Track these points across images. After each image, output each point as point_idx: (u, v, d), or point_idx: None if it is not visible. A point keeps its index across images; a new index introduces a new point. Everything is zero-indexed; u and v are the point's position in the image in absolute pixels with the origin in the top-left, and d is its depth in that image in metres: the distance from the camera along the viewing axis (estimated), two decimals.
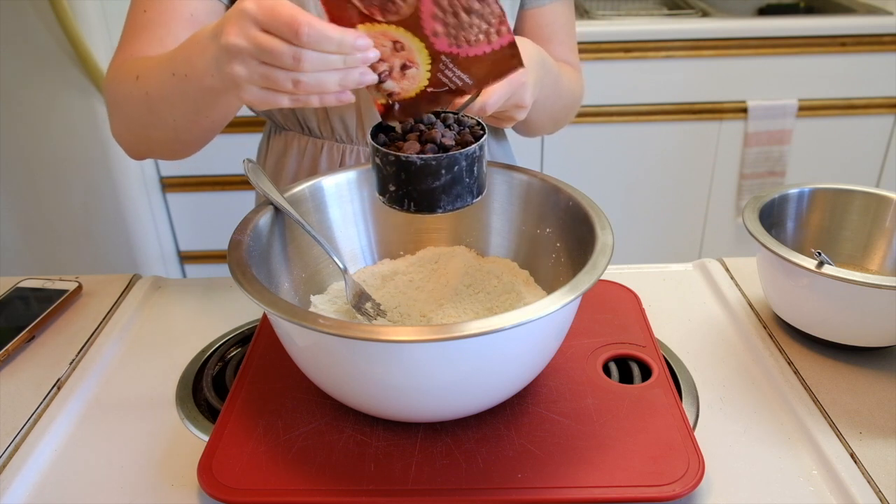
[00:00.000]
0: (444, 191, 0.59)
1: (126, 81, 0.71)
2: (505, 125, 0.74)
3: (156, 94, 0.68)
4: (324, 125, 0.89)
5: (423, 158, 0.57)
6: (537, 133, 0.92)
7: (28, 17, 1.61)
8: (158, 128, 0.71)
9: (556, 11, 0.90)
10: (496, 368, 0.58)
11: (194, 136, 0.72)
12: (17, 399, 0.69)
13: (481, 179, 0.62)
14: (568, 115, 0.93)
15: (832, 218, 0.82)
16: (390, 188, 0.60)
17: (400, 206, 0.60)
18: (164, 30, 0.75)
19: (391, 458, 0.60)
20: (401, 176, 0.58)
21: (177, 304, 0.85)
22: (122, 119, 0.75)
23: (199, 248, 2.03)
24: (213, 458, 0.59)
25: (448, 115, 0.63)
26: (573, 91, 0.89)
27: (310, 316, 0.53)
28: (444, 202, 0.60)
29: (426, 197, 0.59)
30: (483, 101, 0.62)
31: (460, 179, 0.59)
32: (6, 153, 1.77)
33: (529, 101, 0.69)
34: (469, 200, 0.61)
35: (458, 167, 0.58)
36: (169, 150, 0.76)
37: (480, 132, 0.61)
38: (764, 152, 1.89)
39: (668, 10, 2.10)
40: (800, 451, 0.62)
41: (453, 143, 0.59)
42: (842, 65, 1.82)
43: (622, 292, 0.82)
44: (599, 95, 1.83)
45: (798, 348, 0.75)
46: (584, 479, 0.57)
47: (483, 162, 0.61)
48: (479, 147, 0.59)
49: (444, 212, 0.60)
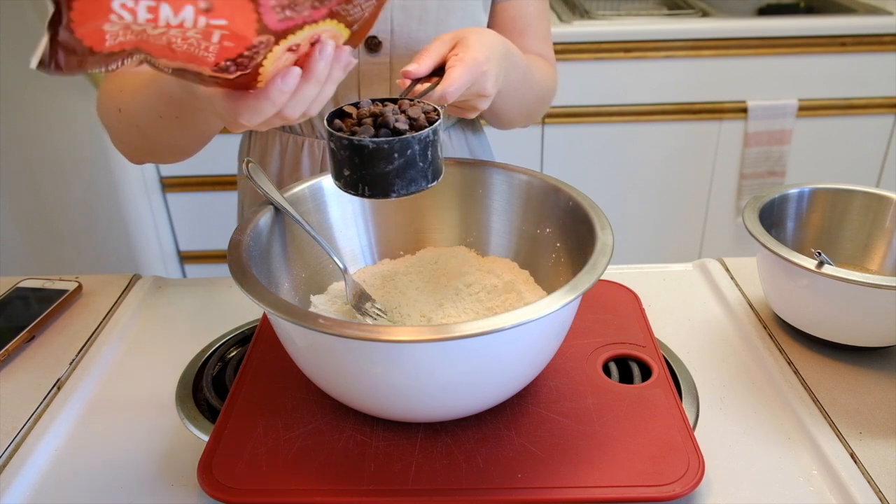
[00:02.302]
0: (398, 175, 0.59)
1: (110, 114, 0.74)
2: (468, 115, 0.75)
3: (145, 127, 0.71)
4: (304, 123, 0.90)
5: (376, 142, 0.57)
6: (509, 125, 0.93)
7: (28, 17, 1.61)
8: (157, 146, 0.75)
9: (529, 4, 0.91)
10: (496, 368, 0.58)
11: (193, 148, 0.76)
12: (17, 399, 0.69)
13: (437, 164, 0.61)
14: (540, 107, 0.94)
15: (832, 218, 0.82)
16: (345, 173, 0.60)
17: (354, 190, 0.60)
18: None
19: (391, 458, 0.60)
20: (354, 160, 0.58)
21: (177, 304, 0.85)
22: (117, 140, 0.78)
23: (199, 248, 2.03)
24: (213, 458, 0.59)
25: (405, 102, 0.63)
26: (544, 84, 0.90)
27: (310, 316, 0.53)
28: (398, 186, 0.59)
29: (380, 181, 0.59)
30: (443, 88, 0.63)
31: (413, 163, 0.59)
32: (6, 153, 1.77)
33: (491, 90, 0.69)
34: (423, 185, 0.61)
35: (412, 150, 0.58)
36: (172, 158, 0.80)
37: (435, 117, 0.61)
38: (764, 152, 1.89)
39: (668, 10, 2.10)
40: (800, 451, 0.62)
41: (407, 128, 0.59)
42: (842, 65, 1.82)
43: (622, 292, 0.82)
44: (600, 95, 1.83)
45: (798, 348, 0.75)
46: (584, 479, 0.57)
47: (437, 146, 0.61)
48: (433, 131, 0.59)
49: (397, 196, 0.60)
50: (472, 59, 0.66)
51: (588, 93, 1.83)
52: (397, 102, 0.63)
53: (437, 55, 0.68)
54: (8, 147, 1.76)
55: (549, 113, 1.83)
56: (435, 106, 0.63)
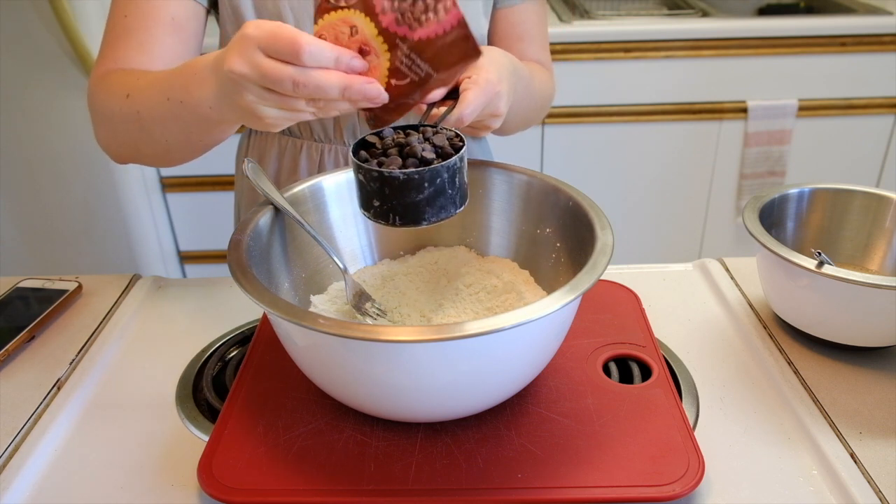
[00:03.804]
0: (428, 203, 0.60)
1: (115, 98, 0.72)
2: (481, 134, 0.76)
3: (147, 115, 0.68)
4: (303, 125, 0.90)
5: (406, 173, 0.58)
6: (509, 132, 0.94)
7: (28, 17, 1.61)
8: (149, 144, 0.72)
9: (528, 10, 0.91)
10: (496, 368, 0.58)
11: (186, 154, 0.73)
12: (17, 399, 0.69)
13: (463, 189, 0.63)
14: (539, 114, 0.95)
15: (832, 218, 0.82)
16: (375, 203, 0.61)
17: (385, 220, 0.61)
18: (146, 34, 0.75)
19: (391, 458, 0.60)
20: (385, 191, 0.59)
21: (177, 304, 0.85)
22: (110, 131, 0.75)
23: (199, 248, 2.03)
24: (213, 458, 0.59)
25: (427, 129, 0.64)
26: (544, 92, 0.91)
27: (310, 316, 0.53)
28: (429, 214, 0.61)
29: (410, 210, 0.60)
30: (459, 111, 0.64)
31: (443, 191, 0.60)
32: (6, 153, 1.77)
33: (504, 110, 0.70)
34: (452, 211, 0.62)
35: (441, 179, 0.59)
36: (158, 162, 0.77)
37: (460, 144, 0.62)
38: (764, 152, 1.89)
39: (668, 10, 2.10)
40: (800, 451, 0.62)
41: (434, 157, 0.60)
42: (842, 65, 1.82)
43: (622, 292, 0.82)
44: (599, 95, 1.83)
45: (798, 348, 0.75)
46: (584, 479, 0.57)
47: (464, 172, 0.62)
48: (460, 158, 0.60)
49: (428, 224, 0.61)
50: (486, 80, 0.67)
51: (588, 93, 1.83)
52: (419, 130, 0.64)
53: None
54: (8, 147, 1.76)
55: (549, 113, 1.82)
56: (456, 131, 0.64)
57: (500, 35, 0.91)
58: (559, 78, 0.96)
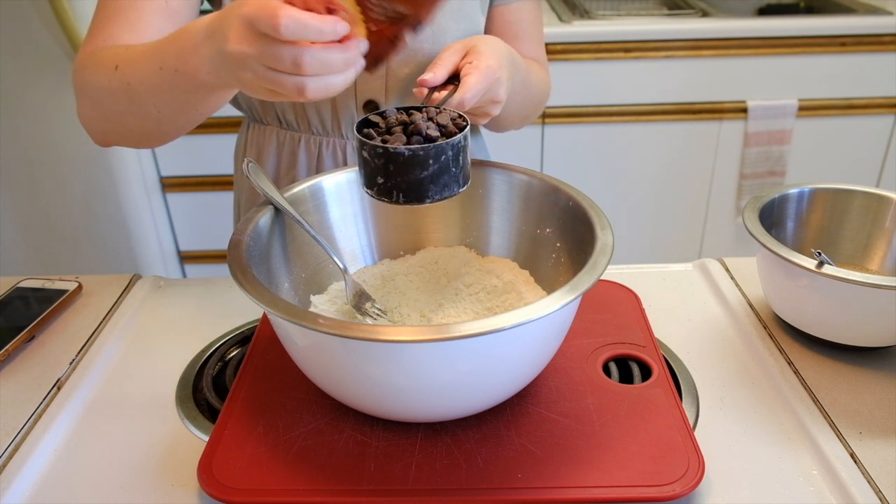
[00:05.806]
0: (432, 181, 0.60)
1: (103, 70, 0.70)
2: (480, 121, 0.76)
3: (139, 86, 0.67)
4: (301, 119, 0.90)
5: (411, 149, 0.58)
6: (506, 128, 0.95)
7: (28, 17, 1.62)
8: (138, 117, 0.70)
9: (523, 9, 0.92)
10: (496, 368, 0.58)
11: (177, 126, 0.71)
12: (17, 399, 0.69)
13: (467, 169, 0.63)
14: (535, 110, 0.95)
15: (832, 218, 0.82)
16: (378, 180, 0.61)
17: (388, 197, 0.61)
18: (136, 14, 0.74)
19: (391, 458, 0.60)
20: (389, 168, 0.59)
21: (177, 304, 0.85)
22: (95, 107, 0.73)
23: (199, 248, 2.03)
24: (213, 458, 0.59)
25: (430, 109, 0.64)
26: (540, 87, 0.92)
27: (310, 316, 0.53)
28: (433, 192, 0.61)
29: (414, 187, 0.60)
30: (461, 95, 0.65)
31: (447, 169, 0.60)
32: (6, 153, 1.77)
33: (504, 96, 0.71)
34: (455, 190, 0.62)
35: (445, 157, 0.59)
36: (143, 140, 0.75)
37: (463, 123, 0.63)
38: (764, 152, 1.89)
39: (668, 10, 2.10)
40: (800, 451, 0.62)
41: (438, 134, 0.60)
42: (842, 65, 1.82)
43: (622, 292, 0.82)
44: (599, 95, 1.83)
45: (798, 348, 0.75)
46: (584, 479, 0.57)
47: (468, 152, 0.62)
48: (464, 136, 0.61)
49: (431, 202, 0.61)
50: (486, 66, 0.68)
51: (588, 93, 1.83)
52: (422, 110, 0.64)
53: (450, 64, 0.70)
54: (8, 147, 1.76)
55: (549, 113, 1.83)
56: (459, 112, 0.64)
57: (496, 33, 0.92)
58: (559, 78, 0.97)
